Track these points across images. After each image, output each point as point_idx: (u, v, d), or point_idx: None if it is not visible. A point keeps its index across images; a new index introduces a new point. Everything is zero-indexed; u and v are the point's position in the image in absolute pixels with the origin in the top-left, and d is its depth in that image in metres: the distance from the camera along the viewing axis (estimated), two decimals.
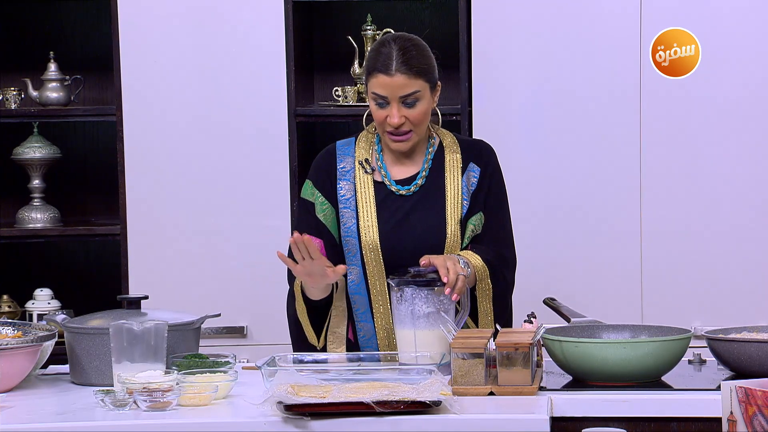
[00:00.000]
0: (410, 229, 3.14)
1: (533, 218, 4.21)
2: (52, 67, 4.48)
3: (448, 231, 3.15)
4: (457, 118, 4.26)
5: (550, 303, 3.27)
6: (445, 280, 2.96)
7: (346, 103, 4.36)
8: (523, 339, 2.78)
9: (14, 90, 4.47)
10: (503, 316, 3.21)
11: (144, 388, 2.66)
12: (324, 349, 3.16)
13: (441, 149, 3.24)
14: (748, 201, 4.17)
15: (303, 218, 3.23)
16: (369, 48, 4.39)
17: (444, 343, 2.92)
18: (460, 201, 3.18)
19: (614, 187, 4.20)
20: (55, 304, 4.44)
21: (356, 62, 4.40)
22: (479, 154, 3.24)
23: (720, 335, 2.87)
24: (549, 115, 4.23)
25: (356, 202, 3.16)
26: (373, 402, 2.56)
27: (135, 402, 2.66)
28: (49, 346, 2.95)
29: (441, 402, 2.59)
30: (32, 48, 4.62)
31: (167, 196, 4.31)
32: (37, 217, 4.47)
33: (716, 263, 4.18)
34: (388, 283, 3.06)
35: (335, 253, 3.16)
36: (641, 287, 4.21)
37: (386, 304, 3.13)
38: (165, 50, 4.28)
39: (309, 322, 3.16)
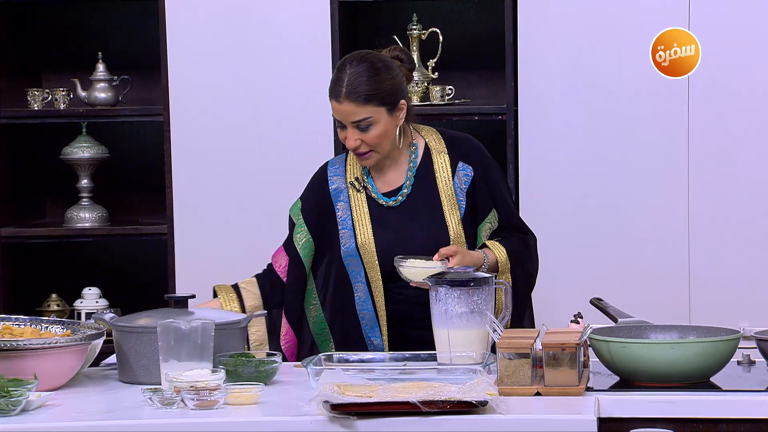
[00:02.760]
0: (412, 239, 3.14)
1: (579, 218, 4.19)
2: (100, 67, 4.51)
3: (451, 233, 3.16)
4: (503, 117, 4.25)
5: (597, 303, 3.25)
6: (435, 258, 3.02)
7: None
8: (570, 339, 2.76)
9: (63, 90, 4.51)
10: (524, 311, 3.21)
11: (191, 386, 2.67)
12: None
13: (427, 151, 3.22)
14: None
15: (289, 235, 3.28)
16: (414, 48, 4.39)
17: (479, 343, 2.91)
18: (455, 202, 3.18)
19: (661, 186, 4.18)
20: (103, 302, 4.47)
21: None
22: (467, 153, 3.22)
23: None
24: (594, 114, 4.20)
25: (353, 222, 3.18)
26: (419, 402, 2.56)
27: (182, 400, 2.68)
28: (98, 344, 2.97)
29: (487, 402, 2.59)
30: (80, 49, 4.65)
31: (214, 195, 4.33)
32: (85, 216, 4.50)
33: (765, 263, 4.14)
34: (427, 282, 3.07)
35: (299, 273, 3.22)
36: (689, 287, 4.18)
37: (391, 320, 3.15)
38: (211, 50, 4.30)
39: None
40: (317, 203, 3.23)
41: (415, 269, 3.02)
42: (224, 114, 4.32)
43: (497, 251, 3.17)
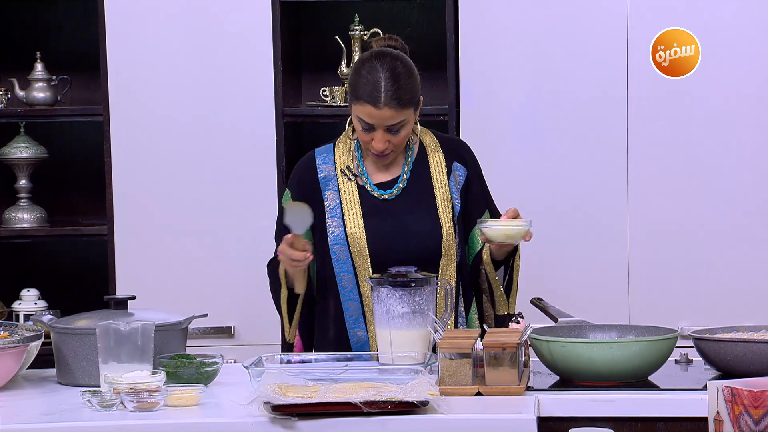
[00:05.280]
0: (404, 232, 3.14)
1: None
2: (39, 67, 4.47)
3: (444, 230, 3.17)
4: (444, 118, 4.27)
5: (538, 303, 3.27)
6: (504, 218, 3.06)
7: (333, 103, 4.36)
8: (511, 339, 2.78)
9: (0, 90, 4.46)
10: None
11: (131, 388, 2.66)
12: (290, 346, 3.20)
13: (422, 149, 3.25)
14: (736, 201, 4.18)
15: (280, 227, 3.23)
16: (356, 48, 4.39)
17: (421, 343, 2.92)
18: (450, 200, 3.20)
19: (601, 188, 4.21)
20: (42, 304, 4.43)
21: (344, 62, 4.40)
22: (461, 154, 3.27)
23: (706, 335, 2.88)
24: (536, 115, 4.23)
25: (342, 210, 3.17)
26: (360, 402, 2.56)
27: (122, 402, 2.66)
28: (36, 346, 2.95)
29: (428, 402, 2.59)
30: (19, 48, 4.61)
31: (154, 196, 4.31)
32: (23, 217, 4.46)
33: (703, 264, 4.19)
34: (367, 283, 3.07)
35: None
36: (628, 287, 4.22)
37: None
38: (152, 50, 4.28)
39: (287, 310, 3.20)
40: (306, 191, 3.20)
41: (506, 228, 3.04)
42: (165, 114, 4.30)
43: None
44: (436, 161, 3.23)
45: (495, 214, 3.28)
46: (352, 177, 3.19)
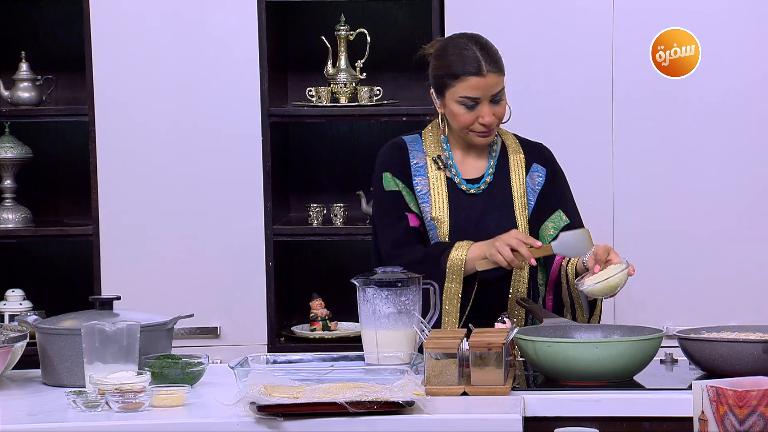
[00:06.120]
0: (485, 228, 3.21)
1: None
2: (24, 66, 4.46)
3: (520, 231, 3.23)
4: (431, 118, 4.26)
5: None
6: (597, 269, 3.07)
7: (319, 104, 4.35)
8: (496, 339, 2.78)
9: None
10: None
11: (116, 389, 2.65)
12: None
13: (504, 148, 3.33)
14: (722, 202, 4.19)
15: (393, 209, 3.26)
16: (342, 48, 4.38)
17: (407, 343, 2.93)
18: (525, 201, 3.27)
19: (587, 189, 4.21)
20: (27, 304, 4.42)
21: (330, 62, 4.39)
22: (541, 156, 3.36)
23: (692, 335, 2.89)
24: (523, 115, 4.22)
25: (429, 196, 3.24)
26: (346, 402, 2.56)
27: (107, 403, 2.66)
28: (21, 347, 2.94)
29: (414, 402, 2.60)
30: (3, 47, 4.59)
31: (140, 196, 4.30)
32: (8, 217, 4.45)
33: (688, 264, 4.20)
34: (353, 283, 3.08)
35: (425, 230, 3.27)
36: None
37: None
38: (138, 50, 4.27)
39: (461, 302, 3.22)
40: (404, 174, 3.27)
41: (606, 281, 3.06)
42: (150, 114, 4.29)
43: None
44: (517, 162, 3.31)
45: (572, 214, 3.31)
46: (442, 166, 3.26)
